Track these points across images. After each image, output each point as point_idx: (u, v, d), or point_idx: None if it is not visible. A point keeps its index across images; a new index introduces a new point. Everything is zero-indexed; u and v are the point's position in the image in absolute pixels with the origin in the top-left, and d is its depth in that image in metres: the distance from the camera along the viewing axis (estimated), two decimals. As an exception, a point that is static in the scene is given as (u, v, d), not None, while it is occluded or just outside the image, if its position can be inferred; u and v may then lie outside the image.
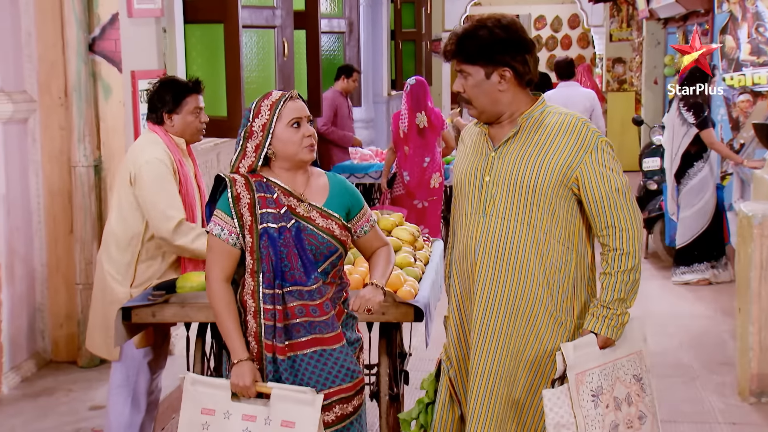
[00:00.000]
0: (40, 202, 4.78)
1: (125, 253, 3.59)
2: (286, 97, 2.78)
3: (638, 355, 2.62)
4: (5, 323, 4.49)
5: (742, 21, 8.33)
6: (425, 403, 2.91)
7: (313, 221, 2.77)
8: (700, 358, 5.34)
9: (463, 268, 2.70)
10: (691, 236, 7.06)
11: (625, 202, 2.58)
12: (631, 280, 2.57)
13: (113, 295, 3.57)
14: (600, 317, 2.57)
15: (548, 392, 2.53)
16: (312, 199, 2.80)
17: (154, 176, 3.50)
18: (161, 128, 3.63)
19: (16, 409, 4.26)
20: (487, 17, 2.61)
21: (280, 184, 2.78)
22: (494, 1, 18.43)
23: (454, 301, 2.77)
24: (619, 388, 2.57)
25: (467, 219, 2.68)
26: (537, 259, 2.59)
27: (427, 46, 13.33)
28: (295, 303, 2.74)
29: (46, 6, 4.70)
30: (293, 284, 2.73)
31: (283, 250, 2.73)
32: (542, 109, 2.65)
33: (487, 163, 2.65)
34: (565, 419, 2.50)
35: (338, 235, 2.79)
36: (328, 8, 9.49)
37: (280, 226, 2.73)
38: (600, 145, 2.58)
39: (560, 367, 2.53)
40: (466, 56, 2.60)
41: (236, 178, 2.77)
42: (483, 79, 2.60)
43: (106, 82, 4.77)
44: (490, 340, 2.62)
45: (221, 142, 6.17)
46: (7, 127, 4.56)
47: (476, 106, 2.63)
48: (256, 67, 5.99)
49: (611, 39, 15.05)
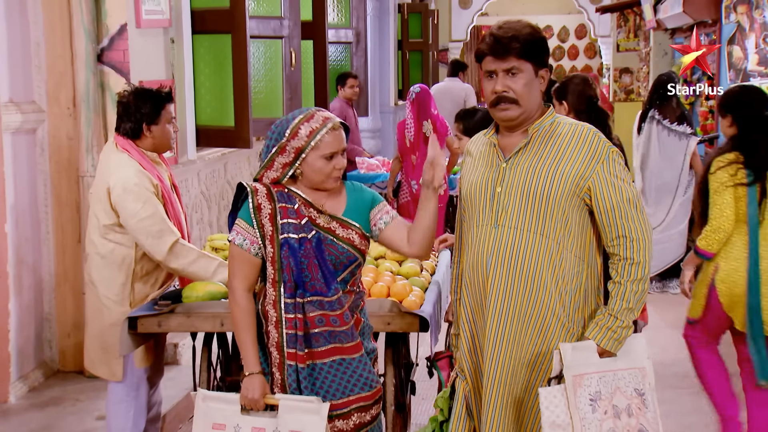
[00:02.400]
0: (48, 211, 4.80)
1: (119, 273, 3.51)
2: (328, 126, 2.75)
3: (641, 372, 2.60)
4: (13, 333, 4.50)
5: (749, 31, 8.33)
6: (439, 421, 2.90)
7: (333, 232, 2.78)
8: (708, 369, 5.31)
9: (474, 280, 2.68)
10: (683, 250, 7.06)
11: (636, 213, 2.58)
12: (640, 290, 2.57)
13: (111, 318, 3.50)
14: (604, 328, 2.56)
15: (544, 390, 2.52)
16: (332, 210, 2.81)
17: (138, 202, 3.40)
18: (132, 144, 3.51)
19: (23, 419, 4.27)
20: (515, 21, 2.61)
21: (301, 195, 2.78)
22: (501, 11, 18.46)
23: (465, 314, 2.75)
24: (619, 397, 2.55)
25: (478, 230, 2.67)
26: (550, 270, 2.58)
27: (434, 56, 13.37)
28: (315, 313, 2.74)
29: (55, 17, 4.72)
30: (314, 294, 2.73)
31: (303, 261, 2.73)
32: (552, 119, 2.65)
33: (498, 174, 2.64)
34: (561, 419, 2.50)
35: (358, 245, 2.80)
36: (336, 19, 9.52)
37: (301, 236, 2.73)
38: (611, 156, 2.59)
39: (557, 366, 2.53)
40: (519, 52, 2.55)
41: (258, 188, 2.77)
42: (533, 77, 2.59)
43: (114, 92, 4.78)
44: (503, 352, 2.62)
45: (228, 152, 6.19)
46: (16, 137, 4.58)
47: (523, 105, 2.59)
48: (263, 78, 6.01)
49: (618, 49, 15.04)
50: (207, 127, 5.72)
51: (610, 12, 14.18)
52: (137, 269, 3.53)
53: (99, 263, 3.53)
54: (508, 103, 2.59)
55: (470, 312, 2.73)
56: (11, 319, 4.48)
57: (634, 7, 12.81)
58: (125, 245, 3.50)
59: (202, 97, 5.71)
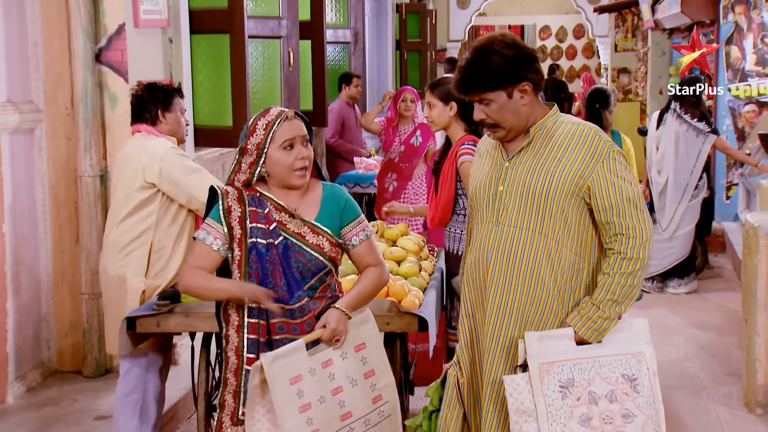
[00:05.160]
0: (46, 212, 4.79)
1: (137, 247, 3.66)
2: (282, 117, 2.74)
3: (635, 357, 2.60)
4: (11, 333, 4.50)
5: (747, 31, 8.34)
6: (429, 411, 2.92)
7: (303, 237, 2.77)
8: (707, 368, 5.32)
9: (475, 276, 2.72)
10: (687, 252, 7.06)
11: (636, 212, 2.59)
12: (628, 284, 2.57)
13: (130, 287, 3.65)
14: (584, 317, 2.58)
15: (508, 378, 2.56)
16: (304, 214, 2.79)
17: (186, 160, 3.67)
18: (155, 129, 3.75)
19: (21, 419, 4.26)
20: (487, 41, 2.62)
21: (273, 198, 2.78)
22: (499, 11, 18.47)
23: (465, 308, 2.79)
24: (599, 383, 2.56)
25: (481, 228, 2.71)
26: (548, 268, 2.61)
27: (432, 56, 13.36)
28: (276, 319, 2.74)
29: (52, 16, 4.72)
30: (276, 301, 2.72)
31: (268, 267, 2.73)
32: (555, 119, 2.68)
33: (501, 173, 2.68)
34: (525, 406, 2.53)
35: (327, 252, 2.79)
36: (334, 18, 9.52)
37: (268, 242, 2.73)
38: (612, 155, 2.60)
39: (521, 355, 2.57)
40: (485, 85, 2.61)
41: (228, 191, 2.78)
42: (506, 101, 2.62)
43: (112, 92, 4.79)
44: (501, 347, 2.65)
45: (226, 151, 6.18)
46: (14, 137, 4.57)
47: (504, 127, 2.65)
48: (261, 78, 6.01)
49: (616, 49, 15.05)
50: (205, 127, 5.72)
51: (608, 12, 14.19)
52: (154, 241, 3.68)
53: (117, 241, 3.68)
54: (491, 126, 2.67)
55: (470, 307, 2.76)
56: (9, 319, 4.48)
57: (632, 7, 12.81)
58: (149, 219, 3.66)
59: (200, 96, 5.71)
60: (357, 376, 2.78)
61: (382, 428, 2.84)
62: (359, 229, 2.86)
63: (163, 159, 3.62)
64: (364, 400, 2.79)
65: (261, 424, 2.67)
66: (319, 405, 2.69)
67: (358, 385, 2.78)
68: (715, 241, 8.24)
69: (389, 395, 2.86)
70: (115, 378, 3.75)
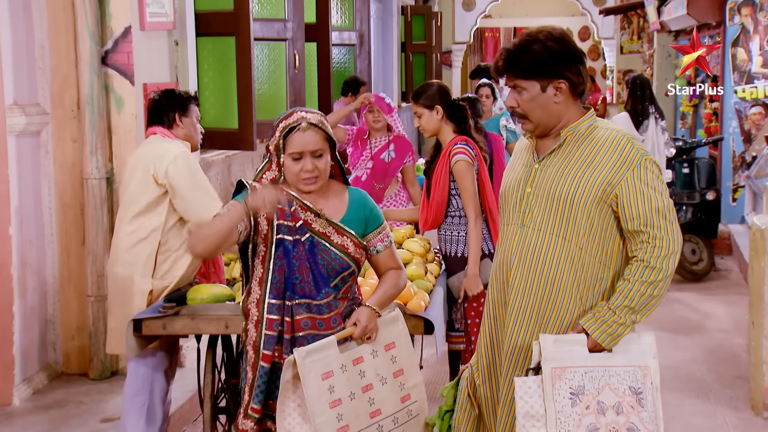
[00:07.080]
0: (53, 214, 4.80)
1: (145, 247, 3.68)
2: (296, 127, 2.73)
3: (641, 370, 2.56)
4: (17, 335, 4.50)
5: (753, 33, 8.32)
6: (444, 410, 2.92)
7: (328, 237, 2.78)
8: (713, 371, 5.31)
9: (499, 277, 2.70)
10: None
11: (665, 223, 2.51)
12: (647, 293, 2.51)
13: (137, 287, 3.66)
14: (599, 320, 2.52)
15: (519, 380, 2.52)
16: (330, 215, 2.80)
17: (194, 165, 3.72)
18: (170, 132, 3.80)
19: (27, 422, 4.27)
20: (537, 30, 2.60)
21: (299, 198, 2.78)
22: (504, 13, 18.47)
23: (488, 308, 2.77)
24: (607, 394, 2.51)
25: (507, 229, 2.69)
26: (570, 273, 2.57)
27: (437, 58, 13.36)
28: (302, 316, 2.74)
29: (59, 19, 4.73)
30: (302, 297, 2.73)
31: (295, 263, 2.73)
32: (590, 123, 2.62)
33: (530, 175, 2.65)
34: (534, 410, 2.49)
35: (352, 252, 2.80)
36: (339, 21, 9.52)
37: (295, 238, 2.74)
38: (644, 163, 2.53)
39: (535, 357, 2.53)
40: (520, 71, 2.58)
41: (257, 187, 2.77)
42: (539, 93, 2.58)
43: (118, 94, 4.79)
44: (518, 350, 2.63)
45: (232, 154, 6.18)
46: (20, 139, 4.58)
47: (532, 120, 2.62)
48: (267, 80, 6.01)
49: (622, 51, 15.05)
50: (211, 130, 5.72)
51: (614, 14, 14.19)
52: (162, 241, 3.69)
53: (126, 241, 3.70)
54: (520, 117, 2.65)
55: (492, 308, 2.74)
56: (15, 322, 4.48)
57: (638, 9, 12.80)
58: (158, 218, 3.68)
59: (206, 99, 5.71)
60: (387, 374, 2.81)
61: (409, 427, 2.87)
62: (383, 235, 2.90)
63: (175, 161, 3.63)
64: (393, 399, 2.81)
65: (291, 418, 2.68)
66: (350, 401, 2.70)
67: (388, 383, 2.80)
68: (721, 243, 8.20)
69: (418, 395, 2.89)
70: (121, 380, 3.75)
